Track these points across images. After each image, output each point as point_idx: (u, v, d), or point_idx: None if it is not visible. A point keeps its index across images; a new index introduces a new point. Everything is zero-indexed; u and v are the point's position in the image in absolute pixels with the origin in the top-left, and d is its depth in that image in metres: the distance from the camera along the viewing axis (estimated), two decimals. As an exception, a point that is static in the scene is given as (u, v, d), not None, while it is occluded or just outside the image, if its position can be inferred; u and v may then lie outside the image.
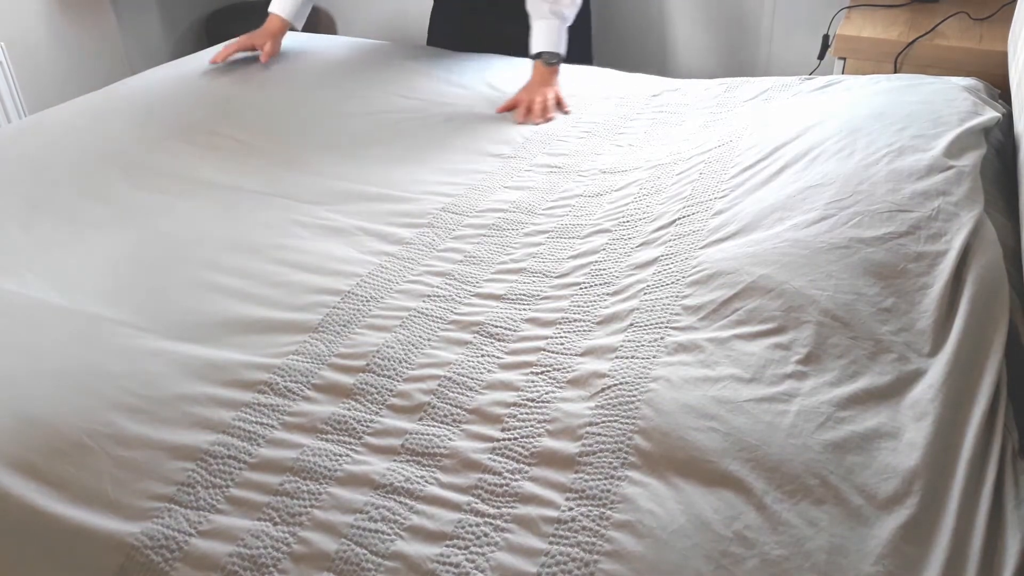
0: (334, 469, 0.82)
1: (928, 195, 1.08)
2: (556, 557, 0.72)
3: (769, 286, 0.97)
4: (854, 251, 1.00)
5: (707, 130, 1.57)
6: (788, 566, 0.69)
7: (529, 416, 0.88)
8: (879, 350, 0.90)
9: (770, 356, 0.90)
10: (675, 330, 0.96)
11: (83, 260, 1.13)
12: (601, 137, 1.60)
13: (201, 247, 1.16)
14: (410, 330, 1.02)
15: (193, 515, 0.77)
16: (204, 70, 1.86)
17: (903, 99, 1.36)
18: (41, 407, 0.85)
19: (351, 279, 1.11)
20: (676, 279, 1.06)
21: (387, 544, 0.74)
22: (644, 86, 1.81)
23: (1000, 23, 1.77)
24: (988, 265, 0.97)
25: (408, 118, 1.63)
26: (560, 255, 1.20)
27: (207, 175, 1.38)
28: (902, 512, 0.74)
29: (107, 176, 1.37)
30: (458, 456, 0.84)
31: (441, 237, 1.23)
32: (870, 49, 1.77)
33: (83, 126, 1.57)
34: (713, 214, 1.19)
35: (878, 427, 0.82)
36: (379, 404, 0.91)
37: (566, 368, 0.95)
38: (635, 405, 0.85)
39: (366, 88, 1.77)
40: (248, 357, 0.96)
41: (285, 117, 1.63)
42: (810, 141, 1.27)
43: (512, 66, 1.88)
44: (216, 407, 0.89)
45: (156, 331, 0.99)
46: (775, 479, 0.76)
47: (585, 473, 0.79)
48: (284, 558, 0.74)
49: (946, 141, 1.18)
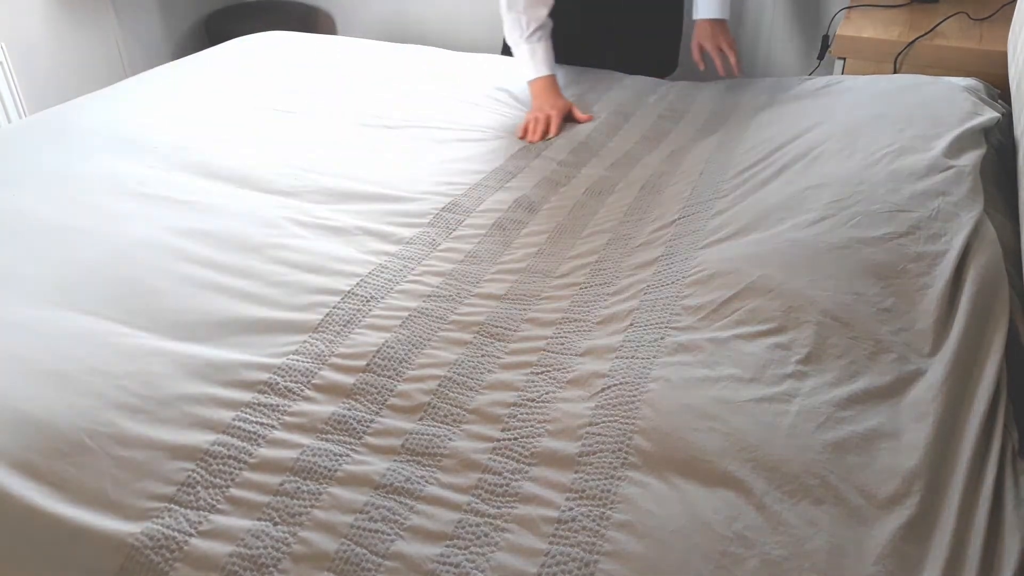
0: (334, 469, 0.82)
1: (928, 195, 1.08)
2: (556, 557, 0.72)
3: (769, 286, 0.97)
4: (854, 251, 1.00)
5: (707, 130, 1.57)
6: (788, 566, 0.69)
7: (529, 416, 0.88)
8: (879, 350, 0.90)
9: (770, 356, 0.90)
10: (675, 330, 0.96)
11: (71, 267, 1.12)
12: (601, 137, 1.60)
13: (200, 247, 1.16)
14: (410, 330, 1.02)
15: (193, 515, 0.77)
16: (198, 73, 1.86)
17: (903, 99, 1.36)
18: (41, 407, 0.85)
19: (351, 279, 1.11)
20: (676, 279, 1.06)
21: (387, 544, 0.74)
22: (644, 86, 1.81)
23: (1000, 23, 1.77)
24: (988, 265, 0.97)
25: (408, 118, 1.63)
26: (560, 255, 1.20)
27: (206, 175, 1.38)
28: (902, 512, 0.74)
29: (97, 180, 1.37)
30: (458, 456, 0.84)
31: (441, 237, 1.23)
32: (870, 49, 1.77)
33: (82, 128, 1.57)
34: (713, 214, 1.19)
35: (878, 427, 0.82)
36: (379, 404, 0.91)
37: (566, 368, 0.95)
38: (635, 405, 0.85)
39: (365, 88, 1.77)
40: (248, 357, 0.96)
41: (284, 117, 1.63)
42: (810, 141, 1.27)
43: (512, 66, 1.88)
44: (216, 407, 0.88)
45: (156, 331, 0.99)
46: (775, 479, 0.76)
47: (585, 473, 0.79)
48: (284, 558, 0.74)
49: (946, 141, 1.18)
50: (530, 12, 1.69)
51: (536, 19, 1.70)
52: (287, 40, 2.07)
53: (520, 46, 1.72)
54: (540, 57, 1.71)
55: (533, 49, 1.71)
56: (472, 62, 1.93)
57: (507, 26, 1.73)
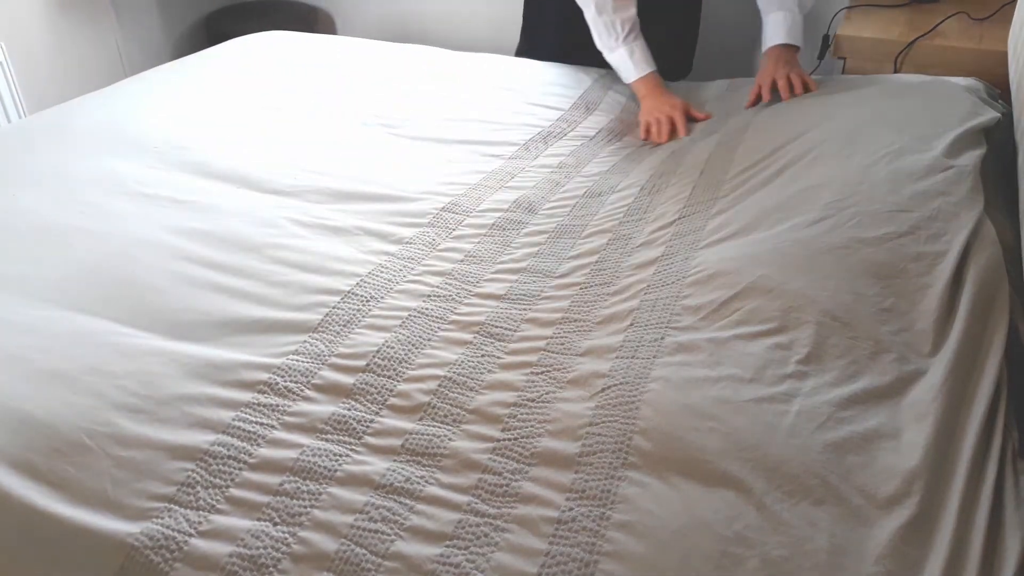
0: (334, 469, 0.82)
1: (928, 195, 1.08)
2: (556, 557, 0.72)
3: (769, 286, 0.97)
4: (854, 251, 1.00)
5: (707, 130, 1.57)
6: (788, 566, 0.69)
7: (529, 416, 0.88)
8: (879, 350, 0.90)
9: (770, 356, 0.90)
10: (675, 330, 0.96)
11: (71, 267, 1.12)
12: (602, 137, 1.60)
13: (200, 247, 1.16)
14: (410, 330, 1.02)
15: (193, 515, 0.77)
16: (198, 72, 1.86)
17: (903, 99, 1.36)
18: (41, 407, 0.85)
19: (351, 279, 1.11)
20: (676, 279, 1.06)
21: (387, 544, 0.74)
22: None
23: (1000, 23, 1.77)
24: (988, 265, 0.97)
25: (408, 117, 1.63)
26: (560, 255, 1.20)
27: (206, 175, 1.38)
28: (902, 512, 0.74)
29: (96, 180, 1.37)
30: (458, 456, 0.84)
31: (441, 237, 1.23)
32: (870, 49, 1.77)
33: (78, 130, 1.57)
34: (713, 214, 1.19)
35: (878, 427, 0.82)
36: (379, 404, 0.91)
37: (566, 368, 0.95)
38: (635, 405, 0.85)
39: (366, 88, 1.77)
40: (248, 357, 0.96)
41: (283, 117, 1.62)
42: (810, 141, 1.27)
43: (513, 65, 1.88)
44: (216, 407, 0.88)
45: (156, 331, 0.99)
46: (775, 479, 0.76)
47: (585, 473, 0.79)
48: (284, 558, 0.74)
49: (946, 141, 1.18)
50: (621, 13, 1.68)
51: (628, 20, 1.68)
52: (287, 40, 2.07)
53: (617, 50, 1.71)
54: (639, 56, 1.70)
55: (631, 49, 1.69)
56: (473, 61, 1.93)
57: (598, 32, 1.71)
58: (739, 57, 2.54)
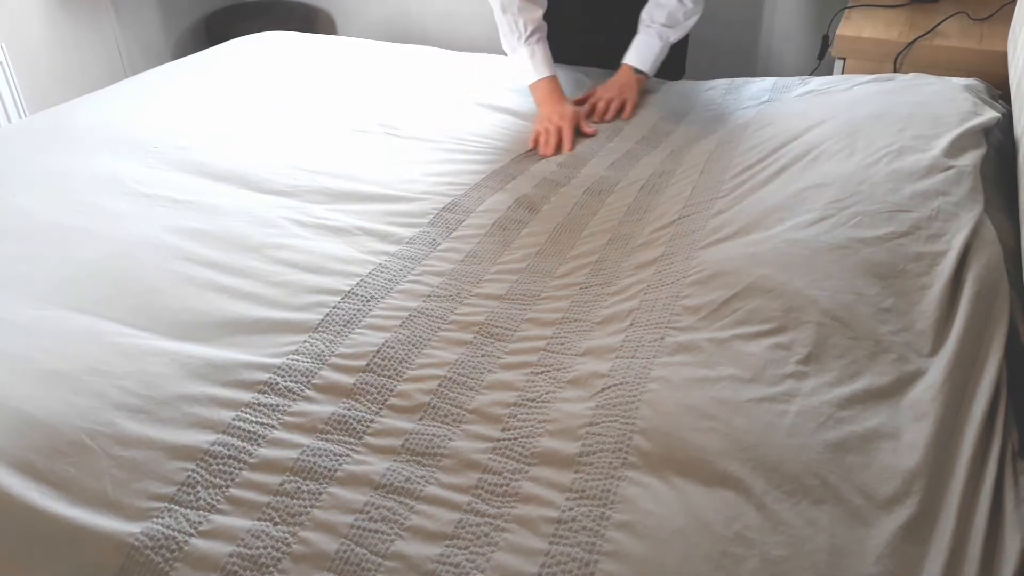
0: (334, 469, 0.82)
1: (928, 195, 1.08)
2: (556, 557, 0.72)
3: (769, 286, 0.97)
4: (854, 251, 1.00)
5: (707, 130, 1.57)
6: (788, 566, 0.69)
7: (529, 416, 0.88)
8: (879, 350, 0.90)
9: (770, 356, 0.90)
10: (675, 330, 0.96)
11: (71, 267, 1.12)
12: (602, 137, 1.60)
13: (200, 247, 1.16)
14: (410, 330, 1.02)
15: (193, 515, 0.77)
16: (198, 72, 1.86)
17: (903, 99, 1.36)
18: (41, 407, 0.85)
19: (351, 279, 1.11)
20: (676, 279, 1.06)
21: (387, 544, 0.74)
22: (644, 87, 1.80)
23: (1000, 23, 1.77)
24: (988, 265, 0.97)
25: (408, 117, 1.63)
26: (560, 255, 1.20)
27: (206, 175, 1.38)
28: (902, 512, 0.74)
29: (96, 180, 1.37)
30: (458, 456, 0.84)
31: (441, 237, 1.23)
32: (870, 49, 1.77)
33: (81, 127, 1.57)
34: (713, 214, 1.19)
35: (878, 427, 0.82)
36: (379, 404, 0.91)
37: (566, 368, 0.95)
38: (635, 405, 0.85)
39: (365, 88, 1.77)
40: (248, 357, 0.96)
41: (284, 117, 1.63)
42: (810, 141, 1.27)
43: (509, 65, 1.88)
44: (216, 407, 0.89)
45: (156, 331, 0.99)
46: (775, 479, 0.76)
47: (585, 473, 0.79)
48: (284, 558, 0.74)
49: (946, 141, 1.18)
50: (525, 14, 1.68)
51: (532, 21, 1.68)
52: (287, 40, 2.07)
53: (518, 49, 1.71)
54: (540, 58, 1.69)
55: (532, 51, 1.69)
56: (472, 62, 1.93)
57: (503, 30, 1.72)
58: (739, 57, 2.55)
